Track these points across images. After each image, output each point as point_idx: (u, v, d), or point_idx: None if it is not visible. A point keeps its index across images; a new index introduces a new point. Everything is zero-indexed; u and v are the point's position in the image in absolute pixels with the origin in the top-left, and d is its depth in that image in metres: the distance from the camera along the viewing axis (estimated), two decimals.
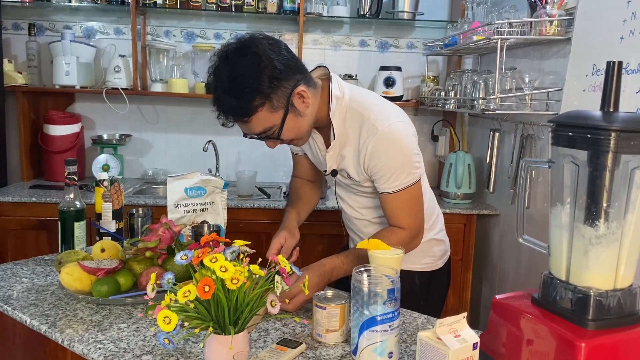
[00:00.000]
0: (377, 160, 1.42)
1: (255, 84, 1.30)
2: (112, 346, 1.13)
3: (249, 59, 1.30)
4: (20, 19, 3.07)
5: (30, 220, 2.61)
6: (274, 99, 1.33)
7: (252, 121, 1.34)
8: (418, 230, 1.51)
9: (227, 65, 1.31)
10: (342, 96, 1.46)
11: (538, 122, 2.28)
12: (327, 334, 1.18)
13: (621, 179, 0.91)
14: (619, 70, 0.94)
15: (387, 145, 1.41)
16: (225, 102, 1.32)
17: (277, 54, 1.33)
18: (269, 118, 1.35)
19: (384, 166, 1.42)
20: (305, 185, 1.79)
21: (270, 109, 1.33)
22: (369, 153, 1.42)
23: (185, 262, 1.03)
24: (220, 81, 1.32)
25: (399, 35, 3.26)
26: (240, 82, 1.30)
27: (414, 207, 1.49)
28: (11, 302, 1.34)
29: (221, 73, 1.32)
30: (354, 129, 1.45)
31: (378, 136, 1.40)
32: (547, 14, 2.07)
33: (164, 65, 3.07)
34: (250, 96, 1.30)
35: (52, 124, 2.95)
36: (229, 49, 1.33)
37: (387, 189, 1.45)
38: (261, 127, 1.36)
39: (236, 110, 1.33)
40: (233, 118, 1.36)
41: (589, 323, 0.92)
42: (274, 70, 1.31)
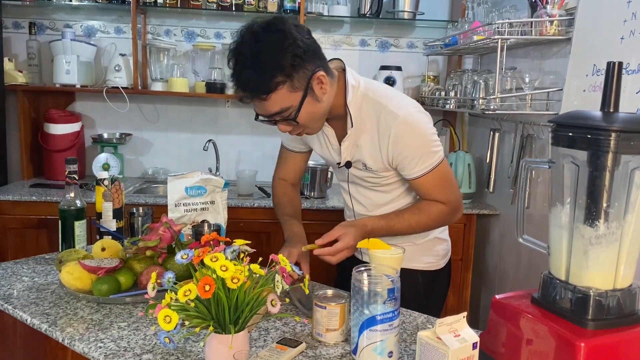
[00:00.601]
0: (402, 145, 1.43)
1: (279, 60, 1.29)
2: (112, 345, 1.13)
3: (275, 36, 1.30)
4: (20, 17, 3.07)
5: (31, 219, 2.61)
6: (295, 79, 1.32)
7: (270, 99, 1.32)
8: (457, 204, 1.53)
9: (252, 40, 1.30)
10: (358, 85, 1.47)
11: (538, 122, 2.28)
12: (327, 334, 1.18)
13: (621, 179, 0.91)
14: (619, 71, 0.94)
15: (410, 129, 1.43)
16: (246, 77, 1.31)
17: (302, 35, 1.33)
18: (287, 98, 1.33)
19: (410, 152, 1.44)
20: (296, 195, 1.78)
21: (290, 89, 1.32)
22: (392, 140, 1.43)
23: (185, 261, 1.03)
24: (243, 55, 1.31)
25: (399, 34, 3.26)
26: (264, 58, 1.29)
27: (447, 183, 1.52)
28: (12, 300, 1.34)
29: (245, 47, 1.31)
30: (370, 117, 1.46)
31: (400, 122, 1.42)
32: (547, 14, 2.07)
33: (164, 64, 3.07)
34: (272, 73, 1.29)
35: (52, 123, 2.95)
36: (255, 26, 1.32)
37: (417, 172, 1.46)
38: (278, 107, 1.34)
39: (256, 85, 1.31)
40: (251, 94, 1.33)
41: (588, 323, 0.92)
42: (297, 49, 1.31)
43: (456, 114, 3.20)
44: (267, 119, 1.41)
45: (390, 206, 1.58)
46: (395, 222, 1.49)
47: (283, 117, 1.37)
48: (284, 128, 1.42)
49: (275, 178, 1.80)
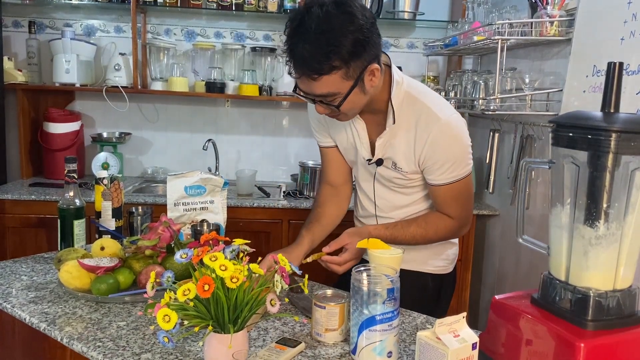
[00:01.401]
0: (438, 150, 1.41)
1: (342, 44, 1.23)
2: (111, 344, 1.13)
3: (344, 18, 1.24)
4: (20, 16, 3.07)
5: (30, 218, 2.61)
6: (351, 67, 1.27)
7: (321, 80, 1.26)
8: (466, 220, 1.53)
9: (320, 15, 1.23)
10: (402, 82, 1.44)
11: (538, 123, 2.28)
12: (326, 333, 1.18)
13: (621, 180, 0.91)
14: (620, 72, 0.94)
15: (450, 135, 1.41)
16: (303, 52, 1.24)
17: (367, 22, 1.27)
18: (338, 84, 1.28)
19: (444, 157, 1.41)
20: (330, 199, 1.68)
21: (344, 76, 1.27)
22: (430, 142, 1.40)
23: (185, 261, 1.03)
24: (306, 28, 1.23)
25: (399, 35, 3.26)
26: (327, 38, 1.22)
27: (466, 197, 1.50)
28: (10, 299, 1.34)
29: (311, 21, 1.23)
30: (410, 116, 1.42)
31: (440, 125, 1.39)
32: (547, 15, 2.07)
33: (164, 63, 3.07)
34: (332, 56, 1.23)
35: (52, 122, 2.95)
36: (326, 2, 1.25)
37: (443, 180, 1.44)
38: (326, 90, 1.29)
39: (312, 64, 1.24)
40: (302, 70, 1.27)
41: (588, 323, 0.92)
42: (361, 36, 1.25)
43: None
44: (306, 96, 1.35)
45: (408, 209, 1.56)
46: (400, 234, 1.47)
47: (326, 100, 1.33)
48: (322, 110, 1.37)
49: (321, 182, 1.73)
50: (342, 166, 1.67)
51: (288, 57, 1.29)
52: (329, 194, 1.69)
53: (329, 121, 1.56)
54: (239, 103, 3.23)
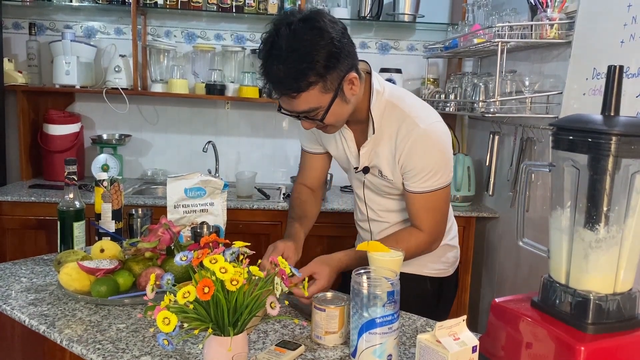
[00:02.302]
0: (415, 158, 1.40)
1: (315, 60, 1.24)
2: (110, 346, 1.13)
3: (314, 33, 1.25)
4: (20, 18, 3.07)
5: (30, 219, 2.61)
6: (328, 80, 1.28)
7: (300, 98, 1.28)
8: (437, 235, 1.49)
9: (289, 34, 1.25)
10: (383, 91, 1.44)
11: (538, 125, 2.28)
12: (326, 336, 1.18)
13: (621, 183, 0.91)
14: (620, 75, 0.94)
15: (428, 144, 1.40)
16: (278, 73, 1.26)
17: (338, 34, 1.28)
18: (317, 98, 1.29)
19: (421, 165, 1.41)
20: (310, 198, 1.71)
21: (322, 90, 1.28)
22: (408, 149, 1.40)
23: (184, 263, 1.03)
24: (277, 49, 1.25)
25: (399, 37, 3.26)
26: (300, 56, 1.24)
27: (440, 211, 1.47)
28: (10, 301, 1.34)
29: (281, 41, 1.25)
30: (391, 125, 1.43)
31: (420, 133, 1.39)
32: (547, 17, 2.07)
33: (164, 65, 3.07)
34: (307, 72, 1.24)
35: (51, 124, 2.95)
36: (293, 19, 1.26)
37: (418, 188, 1.43)
38: (307, 106, 1.30)
39: (288, 83, 1.26)
40: (280, 91, 1.29)
41: (588, 327, 0.92)
42: (333, 49, 1.26)
43: (456, 116, 3.20)
44: (290, 114, 1.36)
45: (402, 213, 1.56)
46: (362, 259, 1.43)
47: (310, 116, 1.34)
48: (308, 125, 1.39)
49: (295, 183, 1.76)
50: (322, 173, 1.73)
51: (264, 79, 1.30)
52: (308, 193, 1.72)
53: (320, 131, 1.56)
54: (239, 105, 3.23)
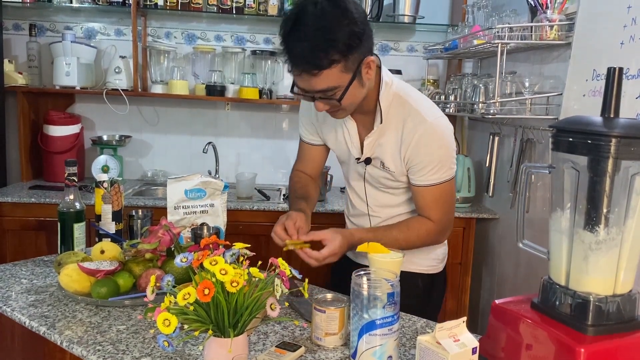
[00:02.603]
0: (422, 152, 1.43)
1: (339, 39, 1.26)
2: (111, 348, 1.13)
3: (339, 12, 1.27)
4: (21, 19, 3.07)
5: (30, 221, 2.61)
6: (350, 60, 1.29)
7: (320, 75, 1.29)
8: (446, 226, 1.53)
9: (315, 12, 1.26)
10: (391, 83, 1.47)
11: (538, 127, 2.28)
12: (326, 338, 1.18)
13: (621, 184, 0.91)
14: (620, 76, 0.94)
15: (435, 138, 1.43)
16: (302, 49, 1.26)
17: (360, 16, 1.30)
18: (337, 77, 1.30)
19: (428, 158, 1.43)
20: (311, 183, 1.73)
21: (343, 69, 1.30)
22: (415, 142, 1.42)
23: (185, 265, 1.03)
24: (302, 26, 1.26)
25: (399, 38, 3.26)
26: (324, 33, 1.25)
27: (447, 202, 1.51)
28: (10, 303, 1.34)
29: (306, 18, 1.26)
30: (397, 117, 1.45)
31: (426, 127, 1.42)
32: (547, 19, 2.07)
33: (164, 66, 3.07)
34: (330, 50, 1.26)
35: (52, 125, 2.95)
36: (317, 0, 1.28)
37: (426, 181, 1.46)
38: (326, 85, 1.31)
39: (311, 60, 1.27)
40: (302, 67, 1.29)
41: (588, 328, 0.92)
42: (357, 30, 1.28)
43: (456, 117, 3.20)
44: (305, 94, 1.37)
45: (398, 209, 1.58)
46: (382, 236, 1.46)
47: (327, 95, 1.34)
48: (322, 106, 1.38)
49: (293, 170, 1.77)
50: (319, 164, 1.74)
51: (286, 56, 1.31)
52: (308, 179, 1.74)
53: (321, 122, 1.61)
54: (239, 106, 3.23)
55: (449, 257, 1.74)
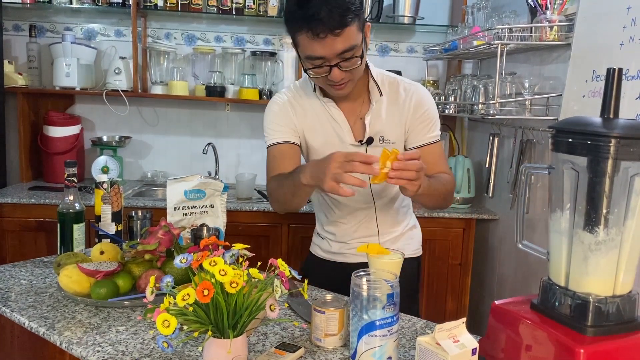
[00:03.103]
0: (425, 107, 1.56)
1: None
2: (110, 349, 1.13)
3: None
4: (21, 20, 3.08)
5: (29, 221, 2.61)
6: (361, 18, 1.38)
7: (343, 34, 1.33)
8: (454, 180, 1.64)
9: None
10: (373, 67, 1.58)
11: (537, 127, 2.28)
12: (325, 338, 1.18)
13: (621, 185, 0.91)
14: (619, 77, 0.94)
15: (427, 96, 1.58)
16: (329, 10, 1.30)
17: None
18: (355, 35, 1.37)
19: (429, 114, 1.56)
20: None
21: (358, 26, 1.37)
22: (416, 102, 1.55)
23: (184, 265, 1.03)
24: None
25: (399, 39, 3.26)
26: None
27: (445, 158, 1.67)
28: (9, 303, 1.34)
29: None
30: (388, 91, 1.56)
31: (417, 89, 1.57)
32: (547, 20, 2.07)
33: (164, 67, 3.07)
34: (349, 7, 1.32)
35: (52, 125, 2.95)
36: None
37: (431, 138, 1.58)
38: (348, 43, 1.35)
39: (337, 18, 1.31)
40: (328, 28, 1.31)
41: (588, 329, 0.92)
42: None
43: (456, 118, 3.21)
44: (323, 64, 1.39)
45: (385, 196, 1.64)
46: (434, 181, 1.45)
47: (349, 56, 1.37)
48: (338, 75, 1.40)
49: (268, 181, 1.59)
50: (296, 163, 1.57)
51: (309, 23, 1.32)
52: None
53: (301, 120, 1.58)
54: (239, 107, 3.23)
55: (448, 257, 1.77)
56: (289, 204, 1.52)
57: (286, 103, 1.59)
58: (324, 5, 1.31)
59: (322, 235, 1.74)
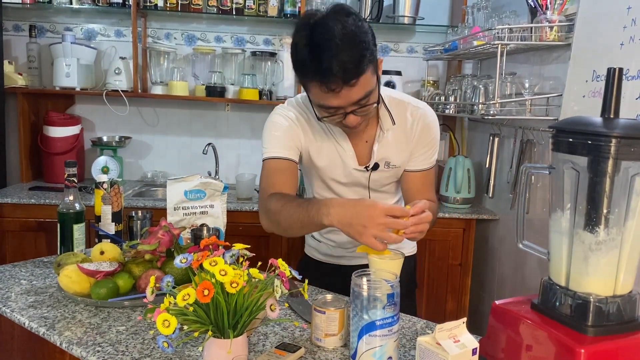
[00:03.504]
0: (431, 134, 1.53)
1: (366, 41, 1.26)
2: (110, 349, 1.13)
3: (355, 19, 1.27)
4: (21, 20, 3.08)
5: (30, 221, 2.61)
6: (375, 60, 1.31)
7: (359, 83, 1.26)
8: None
9: (334, 25, 1.24)
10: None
11: (538, 128, 2.28)
12: (326, 338, 1.18)
13: (621, 185, 0.91)
14: (620, 77, 0.94)
15: (431, 121, 1.53)
16: (342, 62, 1.22)
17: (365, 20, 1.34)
18: (371, 80, 1.30)
19: (430, 142, 1.53)
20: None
21: (372, 71, 1.30)
22: (422, 127, 1.51)
23: (184, 265, 1.03)
24: (330, 42, 1.22)
25: (399, 39, 3.27)
26: (355, 42, 1.24)
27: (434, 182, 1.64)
28: (9, 304, 1.33)
29: (329, 33, 1.23)
30: (398, 115, 1.51)
31: (424, 113, 1.52)
32: (547, 20, 2.07)
33: (164, 67, 3.07)
34: (364, 54, 1.25)
35: (52, 126, 2.95)
36: (327, 14, 1.27)
37: (426, 165, 1.55)
38: (364, 91, 1.29)
39: (353, 68, 1.23)
40: (344, 80, 1.24)
41: (588, 329, 0.92)
42: (372, 32, 1.30)
43: (456, 118, 3.21)
44: (336, 112, 1.33)
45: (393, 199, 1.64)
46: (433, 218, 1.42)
47: (363, 103, 1.32)
48: (354, 120, 1.35)
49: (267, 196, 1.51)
50: (296, 182, 1.57)
51: (321, 77, 1.25)
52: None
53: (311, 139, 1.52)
54: (239, 107, 3.23)
55: (448, 257, 1.77)
56: (291, 231, 1.45)
57: (295, 121, 1.52)
58: (338, 58, 1.22)
59: (320, 239, 1.72)
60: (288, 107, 1.56)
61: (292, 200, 1.40)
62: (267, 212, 1.47)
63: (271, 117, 1.58)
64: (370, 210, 1.19)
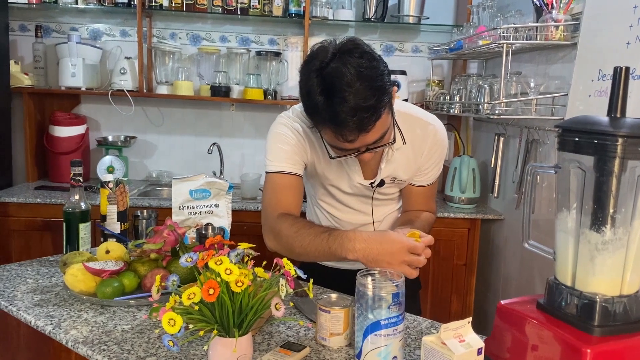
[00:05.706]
0: (439, 151, 1.51)
1: (383, 82, 1.21)
2: (116, 347, 1.13)
3: (368, 57, 1.20)
4: (27, 20, 3.09)
5: (35, 221, 2.62)
6: (390, 98, 1.25)
7: (376, 125, 1.21)
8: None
9: (349, 68, 1.17)
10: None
11: (543, 127, 2.27)
12: (331, 338, 1.18)
13: (628, 184, 0.90)
14: (627, 76, 0.94)
15: (439, 139, 1.51)
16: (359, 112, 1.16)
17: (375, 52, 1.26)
18: (387, 119, 1.25)
19: (438, 159, 1.52)
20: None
21: (388, 109, 1.25)
22: (428, 149, 1.49)
23: (190, 265, 1.03)
24: (344, 91, 1.16)
25: (404, 39, 3.26)
26: (372, 85, 1.18)
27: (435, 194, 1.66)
28: (16, 302, 1.34)
29: (342, 82, 1.16)
30: (406, 132, 1.46)
31: (435, 130, 1.49)
32: (553, 19, 2.07)
33: (169, 67, 3.08)
34: (382, 97, 1.19)
35: (57, 125, 2.96)
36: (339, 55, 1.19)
37: (430, 179, 1.55)
38: (380, 132, 1.25)
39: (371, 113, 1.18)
40: (362, 125, 1.18)
41: (594, 329, 0.92)
42: (387, 70, 1.24)
43: (461, 118, 3.20)
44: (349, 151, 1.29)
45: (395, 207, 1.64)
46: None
47: (380, 143, 1.28)
48: (368, 156, 1.32)
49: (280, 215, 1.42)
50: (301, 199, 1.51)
51: (336, 127, 1.20)
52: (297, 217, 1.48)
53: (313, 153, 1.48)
54: (244, 107, 3.24)
55: (453, 257, 1.76)
56: (305, 258, 1.39)
57: (302, 134, 1.46)
58: (354, 110, 1.16)
59: None
60: (294, 118, 1.48)
61: (307, 227, 1.35)
62: (278, 236, 1.40)
63: (277, 127, 1.50)
64: (395, 247, 1.23)
